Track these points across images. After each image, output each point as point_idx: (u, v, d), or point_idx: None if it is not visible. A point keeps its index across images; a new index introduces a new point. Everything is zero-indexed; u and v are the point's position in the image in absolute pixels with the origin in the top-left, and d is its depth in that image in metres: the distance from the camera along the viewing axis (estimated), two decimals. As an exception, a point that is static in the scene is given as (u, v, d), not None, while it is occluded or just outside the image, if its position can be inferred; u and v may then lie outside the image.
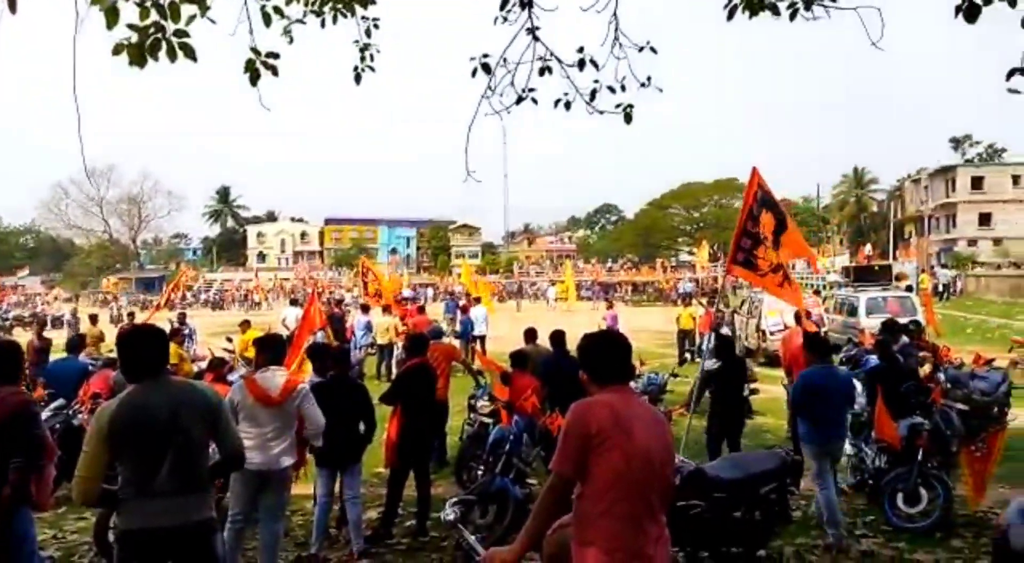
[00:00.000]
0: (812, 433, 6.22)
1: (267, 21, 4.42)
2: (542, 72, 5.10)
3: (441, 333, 12.36)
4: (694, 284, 42.82)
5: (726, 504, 5.21)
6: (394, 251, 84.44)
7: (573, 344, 3.63)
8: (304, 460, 5.72)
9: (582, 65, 5.03)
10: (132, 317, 17.97)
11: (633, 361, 3.14)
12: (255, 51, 4.30)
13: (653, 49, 4.95)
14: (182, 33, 3.84)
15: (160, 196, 76.23)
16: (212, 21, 4.04)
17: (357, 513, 5.95)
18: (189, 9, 3.92)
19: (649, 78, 4.99)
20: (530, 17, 4.93)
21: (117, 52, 3.77)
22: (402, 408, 6.46)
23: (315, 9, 4.90)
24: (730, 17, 4.88)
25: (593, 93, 5.10)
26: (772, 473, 5.38)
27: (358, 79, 5.35)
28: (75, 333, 14.23)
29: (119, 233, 77.11)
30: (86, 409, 7.63)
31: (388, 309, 17.55)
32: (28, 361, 8.99)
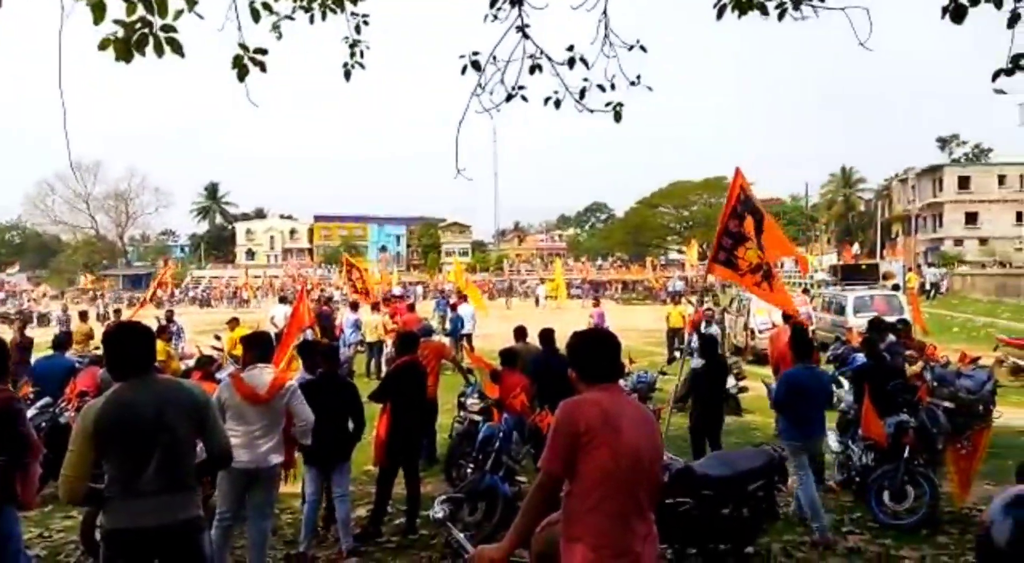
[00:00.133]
0: (793, 430, 6.33)
1: (255, 17, 4.40)
2: (532, 70, 5.10)
3: (431, 331, 12.34)
4: (683, 282, 42.92)
5: (714, 501, 5.23)
6: (384, 249, 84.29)
7: (562, 342, 3.63)
8: (293, 460, 5.70)
9: (572, 63, 5.03)
10: (118, 314, 17.81)
11: (622, 359, 3.15)
12: (243, 47, 4.28)
13: (643, 47, 4.96)
14: (169, 28, 3.81)
15: (147, 192, 75.92)
16: (200, 16, 4.02)
17: (346, 511, 5.93)
18: (176, 4, 3.89)
19: (639, 76, 5.00)
20: (520, 15, 4.93)
21: (103, 47, 3.74)
22: (392, 406, 6.45)
23: (304, 5, 4.87)
24: (719, 16, 4.89)
25: (583, 91, 5.11)
26: (760, 470, 5.41)
27: (348, 76, 5.34)
28: (62, 330, 14.10)
29: (106, 229, 76.70)
30: (73, 407, 7.57)
31: (377, 307, 17.51)
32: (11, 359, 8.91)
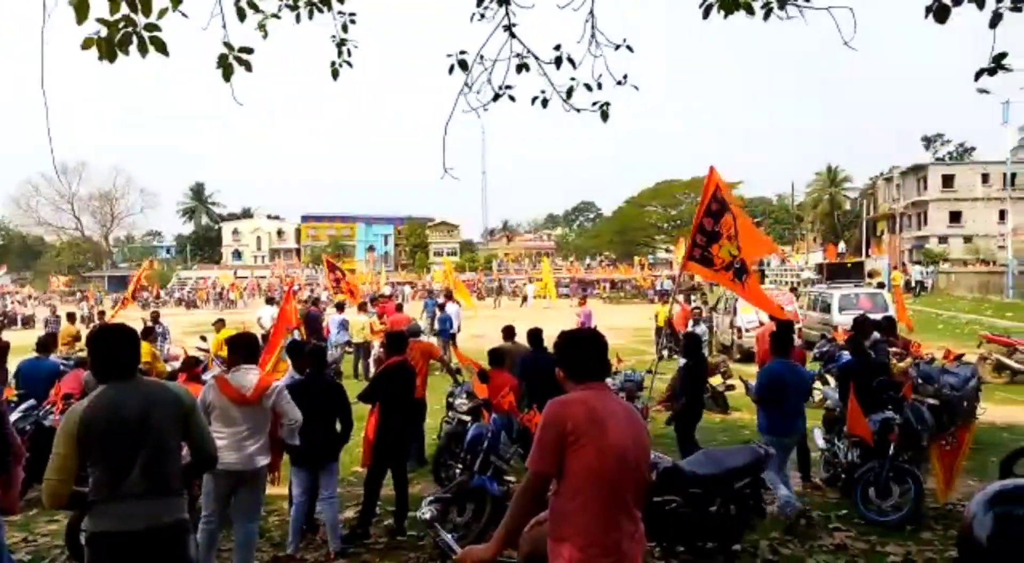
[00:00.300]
0: (774, 424, 6.53)
1: (241, 16, 4.38)
2: (519, 69, 5.10)
3: (419, 331, 12.31)
4: (672, 281, 43.05)
5: (702, 499, 5.26)
6: (371, 248, 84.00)
7: (551, 341, 3.64)
8: (278, 462, 5.67)
9: (559, 63, 5.03)
10: (102, 316, 17.67)
11: (610, 358, 3.15)
12: (228, 46, 4.25)
13: (629, 47, 4.97)
14: (153, 27, 3.78)
15: (133, 193, 75.31)
16: (184, 15, 3.99)
17: (334, 513, 5.90)
18: (161, 2, 3.86)
19: (625, 76, 5.01)
20: (507, 14, 4.93)
21: (87, 47, 3.71)
22: (381, 407, 6.43)
23: (290, 3, 4.85)
24: (705, 16, 4.91)
25: (570, 91, 5.11)
26: (746, 468, 5.44)
27: (335, 75, 5.32)
28: (47, 332, 13.96)
29: (91, 231, 76.00)
30: (57, 410, 7.51)
31: (364, 307, 17.46)
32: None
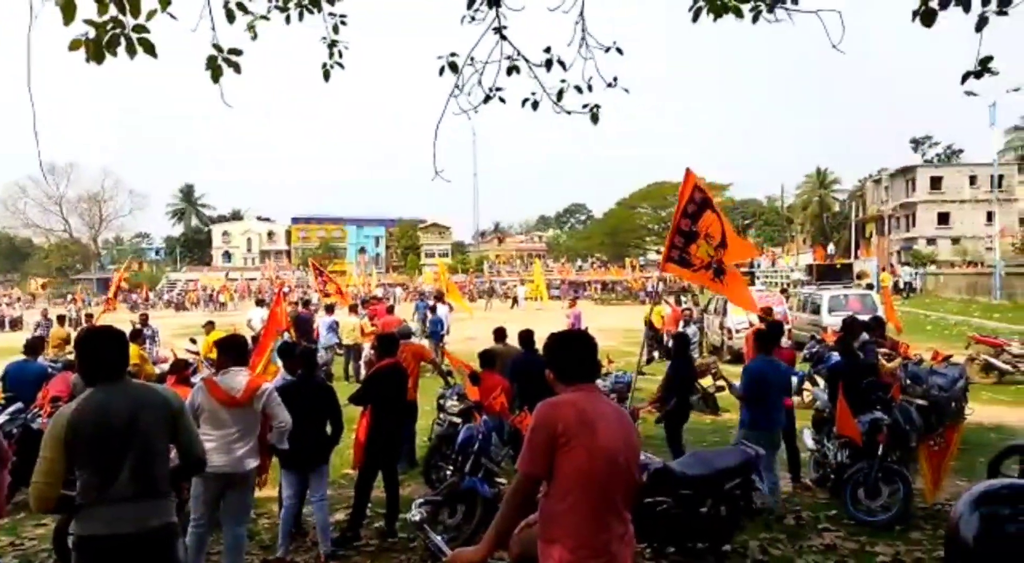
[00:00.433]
0: (757, 420, 6.67)
1: (230, 17, 4.36)
2: (509, 71, 5.11)
3: (410, 333, 12.30)
4: (662, 283, 43.08)
5: (692, 500, 5.28)
6: (363, 250, 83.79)
7: (542, 343, 3.64)
8: (267, 465, 5.64)
9: (549, 65, 5.04)
10: (90, 319, 17.53)
11: (601, 360, 3.16)
12: (217, 47, 4.23)
13: (619, 50, 4.99)
14: (141, 28, 3.77)
15: (122, 194, 74.84)
16: (173, 17, 3.97)
17: (324, 515, 5.88)
18: (149, 4, 3.85)
19: (616, 78, 5.02)
20: (497, 16, 4.93)
21: (74, 48, 3.69)
22: (372, 409, 6.42)
23: (279, 5, 4.84)
24: (695, 19, 4.93)
25: (560, 93, 5.12)
26: (736, 469, 5.46)
27: (327, 76, 5.31)
28: (34, 335, 13.84)
29: (79, 232, 75.44)
30: (45, 413, 7.46)
31: (355, 309, 17.43)
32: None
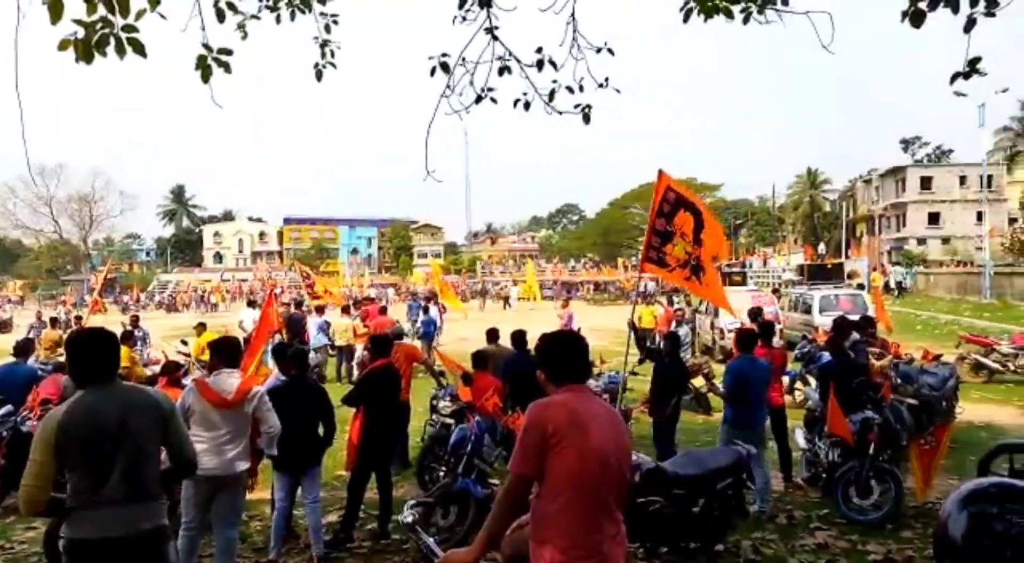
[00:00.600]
0: (740, 418, 6.78)
1: (220, 17, 4.35)
2: (501, 72, 5.10)
3: (402, 334, 12.27)
4: (655, 283, 43.18)
5: (684, 500, 5.29)
6: (355, 251, 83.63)
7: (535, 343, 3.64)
8: (257, 468, 5.62)
9: (541, 65, 5.04)
10: (79, 321, 17.45)
11: (594, 360, 3.17)
12: (207, 47, 4.22)
13: (611, 50, 4.99)
14: (131, 28, 3.75)
15: (112, 195, 74.38)
16: (163, 16, 3.95)
17: (317, 517, 5.86)
18: (139, 3, 3.83)
19: (607, 79, 5.03)
20: (489, 17, 4.93)
21: (63, 48, 3.67)
22: (365, 410, 6.40)
23: (270, 5, 4.82)
24: (685, 20, 4.94)
25: (552, 93, 5.12)
26: (729, 469, 5.47)
27: (319, 76, 5.30)
28: (24, 337, 13.76)
29: (69, 233, 74.94)
30: (35, 415, 7.41)
31: (347, 310, 17.38)
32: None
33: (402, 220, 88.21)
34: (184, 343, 14.93)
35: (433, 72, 4.95)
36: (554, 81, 5.09)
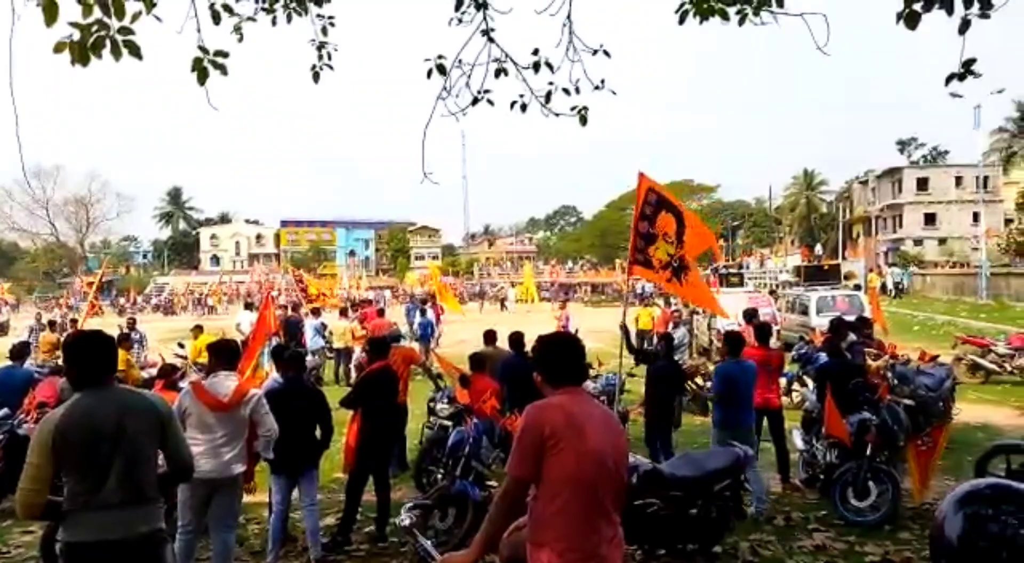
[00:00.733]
0: (728, 418, 6.93)
1: (216, 19, 4.35)
2: (497, 74, 5.10)
3: (400, 337, 12.27)
4: (653, 285, 43.11)
5: (682, 501, 5.29)
6: (352, 253, 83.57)
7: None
8: (253, 472, 5.61)
9: (537, 67, 5.04)
10: (74, 324, 17.40)
11: (591, 362, 3.17)
12: (203, 49, 4.21)
13: (606, 52, 5.00)
14: (127, 30, 3.74)
15: (109, 198, 74.26)
16: (158, 19, 3.95)
17: (314, 520, 5.85)
18: (134, 6, 3.82)
19: (603, 81, 5.03)
20: (485, 19, 4.93)
21: (58, 50, 3.66)
22: (363, 412, 6.39)
23: (266, 7, 4.82)
24: (681, 22, 4.95)
25: (548, 95, 5.12)
26: (726, 470, 5.47)
27: (316, 78, 5.29)
28: (20, 340, 13.72)
29: (66, 236, 74.77)
30: (32, 419, 7.39)
31: (345, 312, 17.38)
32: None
33: (399, 222, 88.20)
34: (181, 345, 14.92)
35: (430, 74, 4.95)
36: (550, 83, 5.09)
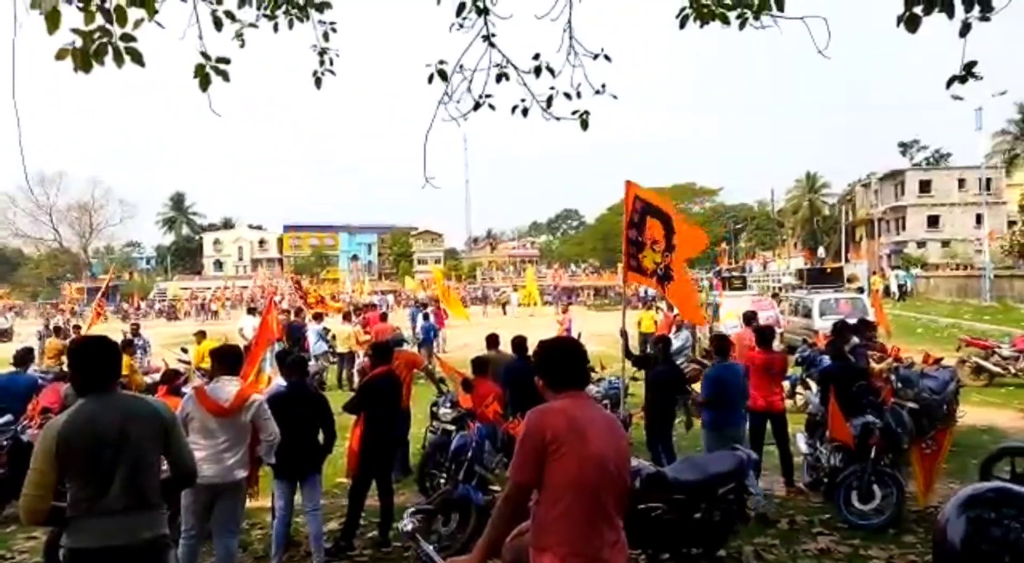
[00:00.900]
0: (719, 421, 7.04)
1: (218, 26, 4.36)
2: (499, 79, 5.10)
3: (403, 341, 12.27)
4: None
5: (686, 505, 5.27)
6: (355, 258, 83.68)
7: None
8: (256, 477, 5.61)
9: (538, 72, 5.04)
10: (78, 330, 17.43)
11: (594, 365, 3.17)
12: (205, 56, 4.23)
13: (607, 57, 5.00)
14: (129, 37, 3.75)
15: (112, 203, 74.54)
16: (160, 25, 3.97)
17: (318, 525, 5.85)
18: (136, 13, 3.83)
19: (604, 85, 5.04)
20: (486, 24, 4.94)
21: (61, 57, 3.67)
22: (366, 417, 6.39)
23: (268, 13, 4.83)
24: (682, 26, 4.95)
25: (550, 100, 5.12)
26: (730, 474, 5.46)
27: (318, 83, 5.30)
28: (25, 346, 13.74)
29: (69, 242, 75.03)
30: (35, 425, 7.41)
31: (348, 317, 17.40)
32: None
33: (402, 226, 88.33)
34: (184, 351, 14.93)
35: (431, 80, 4.95)
36: (552, 88, 5.09)
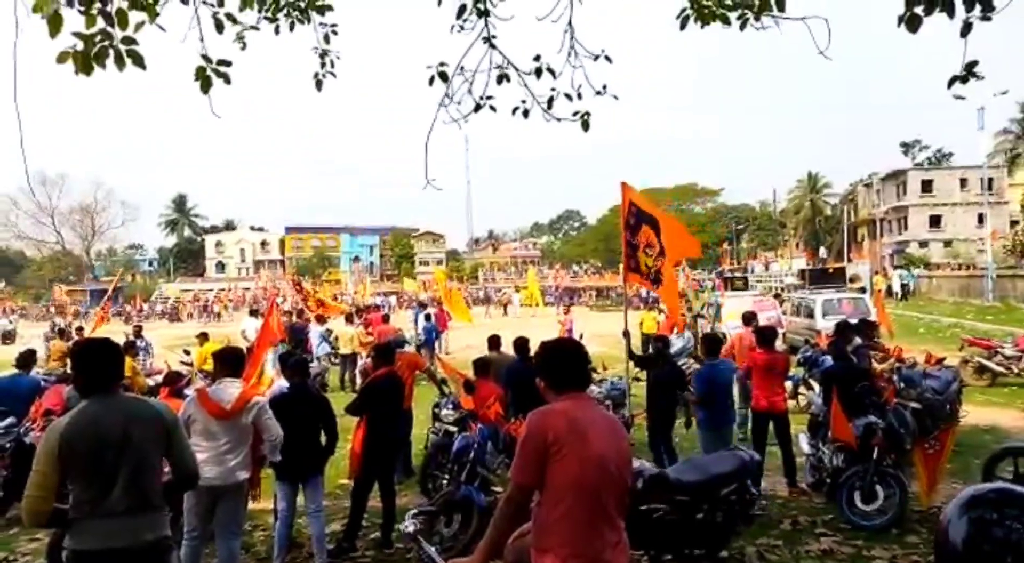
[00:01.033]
0: (710, 420, 7.20)
1: (219, 28, 4.36)
2: (499, 80, 5.10)
3: (404, 342, 12.28)
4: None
5: (688, 506, 5.27)
6: (357, 259, 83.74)
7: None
8: (258, 479, 5.62)
9: (539, 73, 5.04)
10: (80, 332, 17.47)
11: (595, 366, 3.17)
12: (206, 58, 4.23)
13: (608, 57, 5.00)
14: (130, 40, 3.76)
15: (114, 206, 74.70)
16: (162, 28, 3.97)
17: (320, 527, 5.85)
18: (137, 16, 3.84)
19: (605, 86, 5.03)
20: (487, 26, 4.94)
21: (62, 60, 3.67)
22: (369, 418, 6.39)
23: (269, 16, 4.84)
24: (682, 27, 4.94)
25: (550, 101, 5.12)
26: (732, 475, 5.45)
27: (319, 85, 5.30)
28: (27, 348, 13.76)
29: (72, 244, 75.19)
30: (38, 427, 7.42)
31: (351, 318, 17.41)
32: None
33: (404, 228, 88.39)
34: (187, 352, 14.95)
35: (432, 81, 4.95)
36: (552, 89, 5.08)
